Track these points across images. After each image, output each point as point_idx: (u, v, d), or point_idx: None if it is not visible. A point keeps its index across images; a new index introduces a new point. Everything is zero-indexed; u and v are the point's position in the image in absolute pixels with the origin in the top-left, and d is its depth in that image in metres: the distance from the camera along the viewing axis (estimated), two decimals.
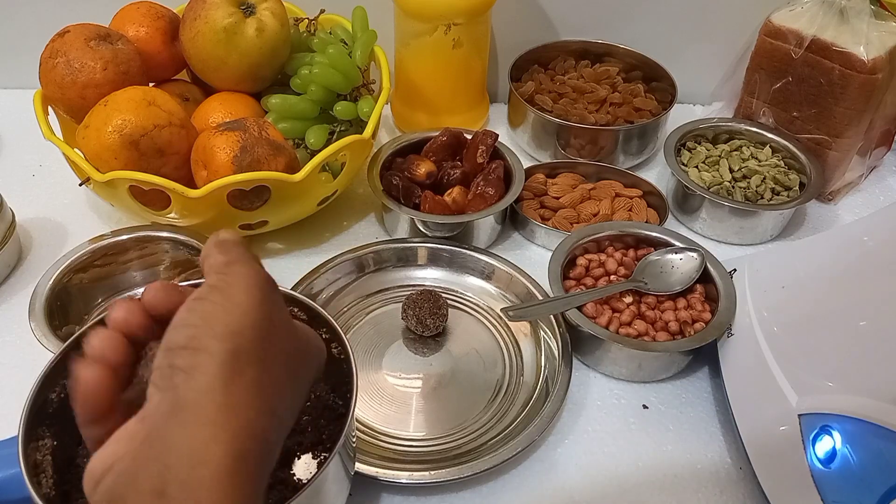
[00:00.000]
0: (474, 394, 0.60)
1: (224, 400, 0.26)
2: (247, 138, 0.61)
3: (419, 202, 0.70)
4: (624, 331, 0.61)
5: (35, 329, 0.56)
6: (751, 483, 0.53)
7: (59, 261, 0.61)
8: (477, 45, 0.80)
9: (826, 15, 0.72)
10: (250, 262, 0.30)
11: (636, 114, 0.81)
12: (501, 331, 0.64)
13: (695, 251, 0.64)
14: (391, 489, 0.53)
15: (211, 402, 0.26)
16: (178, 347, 0.27)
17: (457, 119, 0.82)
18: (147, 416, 0.27)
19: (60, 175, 0.71)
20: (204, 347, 0.27)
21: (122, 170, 0.60)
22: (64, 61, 0.64)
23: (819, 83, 0.73)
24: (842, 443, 0.48)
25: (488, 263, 0.68)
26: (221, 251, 0.30)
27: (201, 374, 0.26)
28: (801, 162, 0.76)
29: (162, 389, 0.27)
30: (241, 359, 0.27)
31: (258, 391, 0.28)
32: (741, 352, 0.57)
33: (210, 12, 0.66)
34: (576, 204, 0.74)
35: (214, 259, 0.30)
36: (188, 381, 0.26)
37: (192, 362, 0.27)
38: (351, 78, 0.69)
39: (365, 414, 0.58)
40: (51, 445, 0.41)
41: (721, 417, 0.58)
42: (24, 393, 0.41)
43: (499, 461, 0.52)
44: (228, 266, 0.30)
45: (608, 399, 0.60)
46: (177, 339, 0.27)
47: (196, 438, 0.26)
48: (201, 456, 0.25)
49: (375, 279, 0.69)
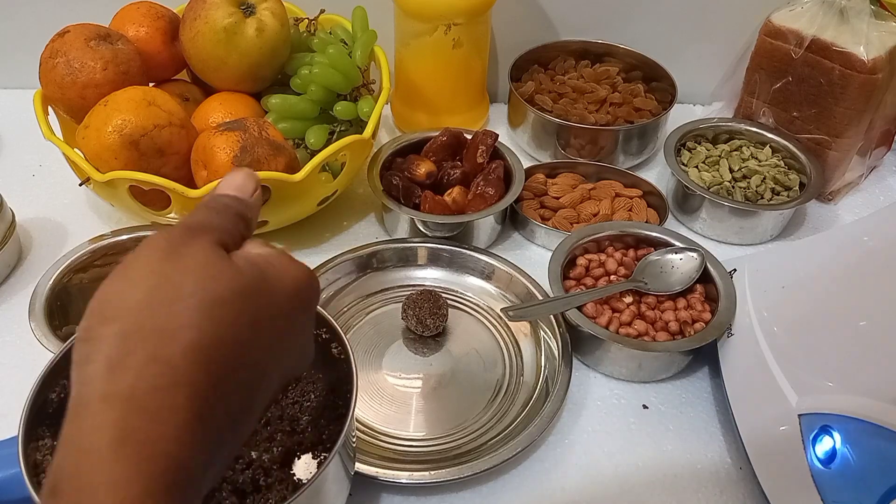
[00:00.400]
0: (474, 394, 0.60)
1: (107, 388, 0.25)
2: (247, 138, 0.61)
3: (419, 202, 0.70)
4: (624, 331, 0.61)
5: (35, 329, 0.56)
6: (751, 483, 0.53)
7: (59, 261, 0.61)
8: (477, 45, 0.80)
9: (826, 15, 0.72)
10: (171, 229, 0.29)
11: (636, 114, 0.81)
12: (501, 331, 0.64)
13: (695, 251, 0.65)
14: (391, 489, 0.53)
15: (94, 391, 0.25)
16: (78, 341, 0.26)
17: (457, 119, 0.82)
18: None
19: (60, 175, 0.71)
20: (96, 336, 0.26)
21: (122, 170, 0.60)
22: (64, 61, 0.64)
23: (819, 83, 0.73)
24: (842, 443, 0.48)
25: (488, 263, 0.68)
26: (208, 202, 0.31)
27: (91, 364, 0.25)
28: (801, 162, 0.76)
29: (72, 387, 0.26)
30: (131, 339, 0.26)
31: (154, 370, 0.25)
32: (741, 352, 0.57)
33: (210, 12, 0.66)
34: (576, 204, 0.74)
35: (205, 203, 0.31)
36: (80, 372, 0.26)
37: (86, 352, 0.26)
38: (351, 78, 0.69)
39: (365, 414, 0.58)
40: (51, 445, 0.41)
41: (721, 417, 0.58)
42: (24, 393, 0.41)
43: (499, 461, 0.52)
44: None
45: (608, 399, 0.60)
46: (78, 334, 0.27)
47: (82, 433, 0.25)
48: (82, 445, 0.24)
49: (375, 279, 0.69)
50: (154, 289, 0.27)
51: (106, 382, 0.25)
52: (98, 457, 0.24)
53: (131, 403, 0.25)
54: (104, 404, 0.25)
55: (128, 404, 0.25)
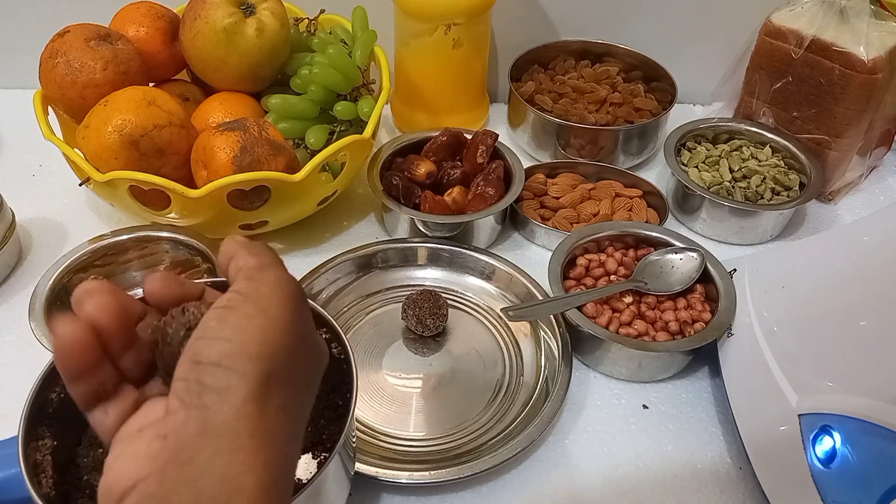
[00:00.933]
0: (474, 394, 0.60)
1: (258, 425, 0.25)
2: (247, 138, 0.61)
3: (419, 202, 0.70)
4: (624, 331, 0.61)
5: (35, 329, 0.56)
6: (751, 483, 0.53)
7: (59, 261, 0.61)
8: (477, 45, 0.80)
9: (826, 15, 0.72)
10: (282, 269, 0.28)
11: (636, 114, 0.81)
12: (501, 331, 0.64)
13: (695, 251, 0.65)
14: (391, 489, 0.53)
15: (245, 427, 0.25)
16: (209, 364, 0.25)
17: (457, 119, 0.82)
18: (171, 434, 0.25)
19: (60, 175, 0.71)
20: (238, 368, 0.25)
21: (122, 170, 0.60)
22: (64, 61, 0.64)
23: (819, 83, 0.73)
24: (842, 443, 0.48)
25: (488, 263, 0.68)
26: (251, 253, 0.28)
27: (234, 397, 0.25)
28: (801, 162, 0.76)
29: (188, 407, 0.25)
30: (273, 382, 0.26)
31: (286, 416, 0.26)
32: (741, 352, 0.57)
33: (210, 12, 0.66)
34: (576, 204, 0.74)
35: (244, 261, 0.28)
36: (220, 403, 0.25)
37: (225, 383, 0.25)
38: (351, 78, 0.69)
39: (365, 414, 0.58)
40: (51, 445, 0.41)
41: (721, 417, 0.58)
42: (24, 393, 0.41)
43: (499, 461, 0.52)
44: (260, 271, 0.28)
45: (608, 399, 0.60)
46: (209, 354, 0.26)
47: (231, 466, 0.24)
48: (236, 484, 0.24)
49: (375, 279, 0.69)
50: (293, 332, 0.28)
51: (257, 420, 0.25)
52: (247, 498, 0.24)
53: (276, 451, 0.26)
54: (252, 441, 0.25)
55: (272, 449, 0.26)
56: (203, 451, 0.25)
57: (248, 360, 0.26)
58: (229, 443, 0.25)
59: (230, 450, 0.25)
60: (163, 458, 0.25)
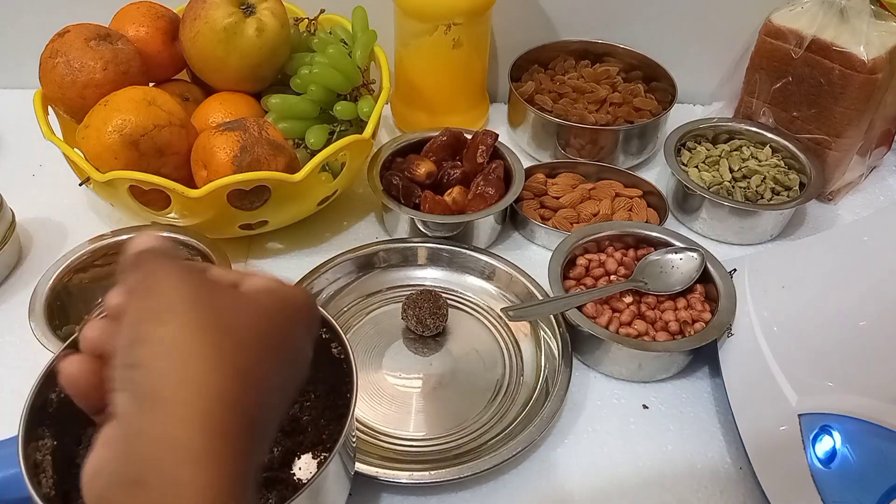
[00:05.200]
0: (474, 394, 0.60)
1: (183, 376, 0.26)
2: (247, 138, 0.61)
3: (419, 202, 0.70)
4: (624, 331, 0.61)
5: (35, 329, 0.56)
6: (751, 483, 0.53)
7: (59, 261, 0.61)
8: (477, 45, 0.80)
9: (826, 15, 0.72)
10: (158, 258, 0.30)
11: (636, 114, 0.81)
12: (501, 331, 0.64)
13: (695, 251, 0.64)
14: (391, 489, 0.53)
15: (169, 384, 0.26)
16: (126, 346, 0.27)
17: (457, 119, 0.82)
18: (119, 418, 0.27)
19: (60, 175, 0.71)
20: (147, 337, 0.27)
21: (122, 170, 0.60)
22: (64, 61, 0.64)
23: (819, 83, 0.73)
24: (842, 443, 0.48)
25: (488, 263, 0.68)
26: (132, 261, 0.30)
27: (153, 363, 0.26)
28: (801, 162, 0.76)
29: (123, 390, 0.27)
30: (193, 333, 0.27)
31: (221, 360, 0.27)
32: (741, 352, 0.57)
33: (210, 12, 0.66)
34: (576, 204, 0.74)
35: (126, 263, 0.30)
36: (144, 374, 0.26)
37: (140, 355, 0.27)
38: (351, 78, 0.69)
39: (365, 414, 0.58)
40: (51, 445, 0.41)
41: (721, 417, 0.58)
42: (24, 393, 0.41)
43: (499, 461, 0.52)
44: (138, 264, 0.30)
45: (608, 399, 0.60)
46: (124, 339, 0.27)
47: (164, 424, 0.25)
48: (173, 439, 0.25)
49: (375, 279, 0.69)
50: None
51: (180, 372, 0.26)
52: (186, 454, 0.25)
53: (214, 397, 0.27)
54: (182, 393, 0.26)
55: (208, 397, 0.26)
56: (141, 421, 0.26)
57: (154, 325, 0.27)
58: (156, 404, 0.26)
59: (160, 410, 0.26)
60: (118, 440, 0.26)
